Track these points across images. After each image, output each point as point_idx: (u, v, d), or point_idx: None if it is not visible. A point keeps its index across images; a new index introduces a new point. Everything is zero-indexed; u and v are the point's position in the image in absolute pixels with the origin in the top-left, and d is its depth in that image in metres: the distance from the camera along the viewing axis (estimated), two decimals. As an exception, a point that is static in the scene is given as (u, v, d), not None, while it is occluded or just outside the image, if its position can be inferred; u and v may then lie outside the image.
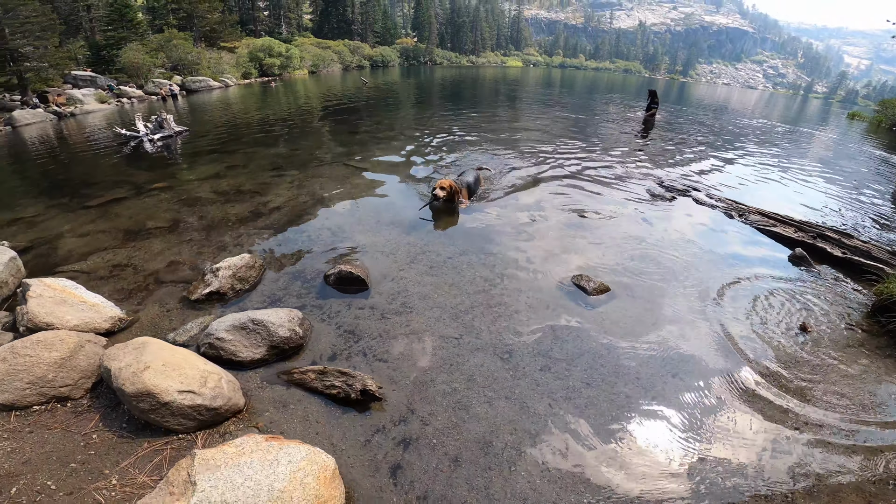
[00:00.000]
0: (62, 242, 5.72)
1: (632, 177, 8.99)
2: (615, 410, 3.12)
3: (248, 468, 2.24)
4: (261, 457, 2.33)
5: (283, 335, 3.42)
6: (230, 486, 2.15)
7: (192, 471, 2.20)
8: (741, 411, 3.16)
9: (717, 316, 4.23)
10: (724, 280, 4.91)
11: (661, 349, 3.74)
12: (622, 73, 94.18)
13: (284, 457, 2.32)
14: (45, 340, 3.12)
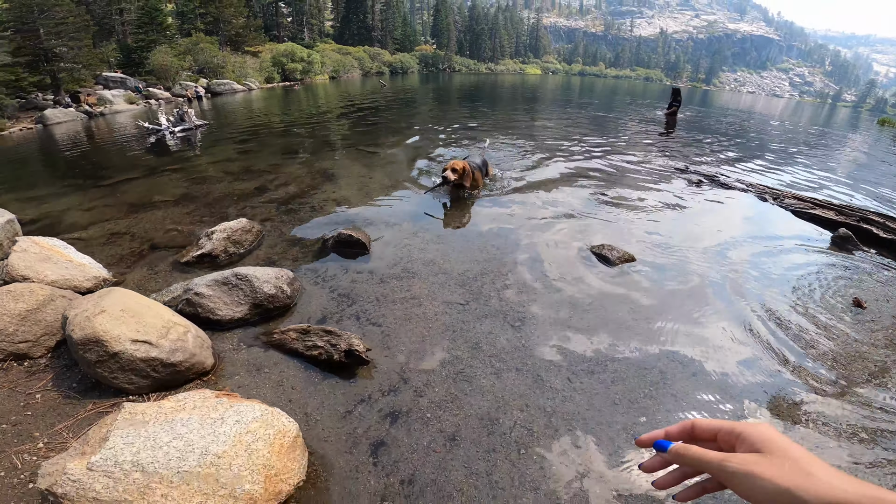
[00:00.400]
0: (67, 214, 5.66)
1: (654, 164, 8.53)
2: (647, 387, 2.67)
3: (182, 426, 1.87)
4: (203, 414, 1.94)
5: (268, 292, 3.10)
6: (150, 444, 1.77)
7: (114, 426, 1.86)
8: (792, 393, 2.71)
9: (757, 290, 3.77)
10: (762, 255, 4.44)
11: (696, 322, 3.31)
12: (643, 80, 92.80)
13: (233, 416, 1.95)
14: (13, 291, 2.86)
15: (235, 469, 1.78)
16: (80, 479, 1.68)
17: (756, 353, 3.00)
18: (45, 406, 2.42)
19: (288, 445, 1.96)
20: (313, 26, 49.69)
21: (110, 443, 1.78)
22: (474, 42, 79.48)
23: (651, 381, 2.71)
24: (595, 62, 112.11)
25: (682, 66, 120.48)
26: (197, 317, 3.00)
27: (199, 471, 1.73)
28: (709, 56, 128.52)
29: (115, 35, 27.34)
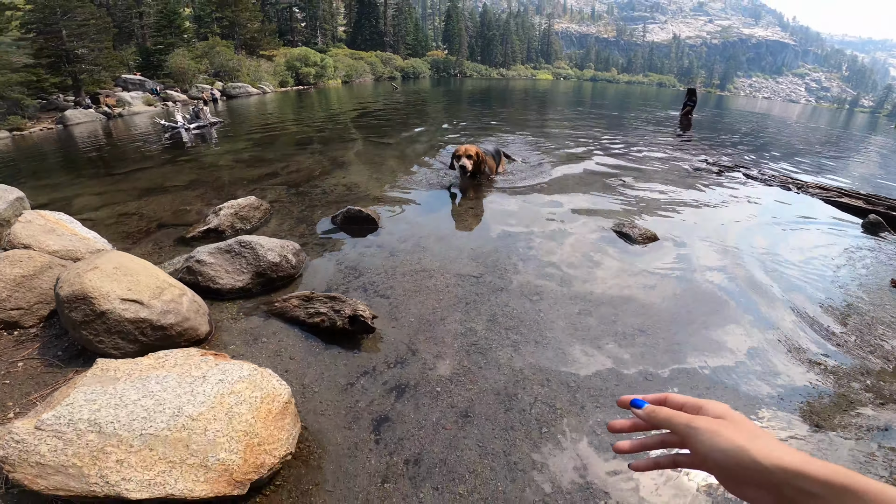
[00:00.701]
0: (80, 199, 5.66)
1: (671, 157, 8.30)
2: (678, 363, 2.47)
3: (156, 383, 1.66)
4: (183, 372, 1.74)
5: (272, 260, 2.98)
6: (114, 402, 1.56)
7: (80, 382, 1.68)
8: (820, 364, 2.50)
9: (787, 272, 3.55)
10: (789, 237, 4.22)
11: (727, 301, 3.11)
12: (656, 86, 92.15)
13: (217, 374, 1.73)
14: (10, 256, 2.75)
15: (211, 434, 1.55)
16: (25, 439, 1.49)
17: (795, 330, 2.80)
18: (24, 375, 2.28)
19: (277, 412, 1.73)
20: (326, 31, 50.36)
21: (70, 399, 1.59)
22: (486, 47, 79.81)
23: (681, 357, 2.52)
24: (607, 67, 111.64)
25: (696, 71, 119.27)
26: (197, 286, 2.88)
27: (166, 434, 1.52)
28: (723, 61, 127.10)
29: (134, 38, 27.96)
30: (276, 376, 1.86)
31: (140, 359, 1.85)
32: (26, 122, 15.09)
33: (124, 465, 1.46)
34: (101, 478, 1.43)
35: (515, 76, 79.45)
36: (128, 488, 1.42)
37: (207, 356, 1.88)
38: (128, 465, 1.46)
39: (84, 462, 1.45)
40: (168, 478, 1.46)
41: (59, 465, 1.45)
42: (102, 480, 1.43)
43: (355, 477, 1.75)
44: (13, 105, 15.12)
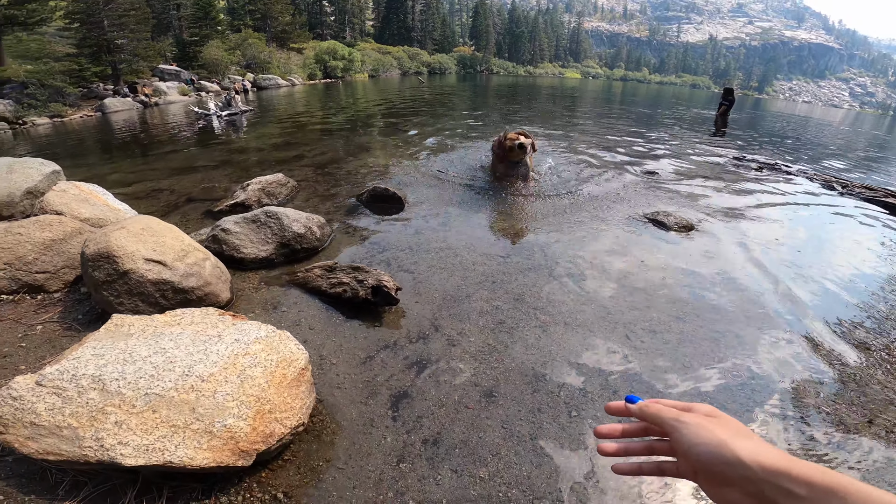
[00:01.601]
0: (114, 176, 5.83)
1: (707, 153, 7.97)
2: (721, 350, 2.32)
3: (168, 340, 1.57)
4: (199, 330, 1.64)
5: (297, 231, 2.96)
6: (122, 358, 1.47)
7: (91, 337, 1.60)
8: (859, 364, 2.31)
9: (828, 270, 3.33)
10: (831, 234, 3.96)
11: (763, 293, 2.92)
12: (689, 87, 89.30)
13: (233, 334, 1.63)
14: (42, 220, 2.78)
15: (220, 398, 1.43)
16: (23, 396, 1.39)
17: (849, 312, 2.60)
18: (42, 338, 2.25)
19: (292, 377, 1.61)
20: (355, 25, 50.84)
21: (77, 353, 1.51)
22: (513, 44, 79.04)
23: (725, 344, 2.37)
24: (638, 67, 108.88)
25: (733, 73, 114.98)
26: (221, 254, 2.88)
27: (172, 395, 1.41)
28: (762, 64, 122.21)
29: (171, 29, 28.83)
30: (295, 340, 1.77)
31: (156, 315, 1.80)
32: (67, 110, 15.67)
33: (123, 427, 1.35)
34: (97, 440, 1.32)
35: (542, 74, 78.43)
36: (123, 453, 1.31)
37: (225, 316, 1.83)
38: (126, 428, 1.35)
39: (81, 423, 1.35)
40: (168, 443, 1.34)
41: (53, 426, 1.35)
42: (97, 444, 1.32)
43: (369, 455, 1.65)
44: (55, 93, 15.74)
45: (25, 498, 1.42)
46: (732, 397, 2.04)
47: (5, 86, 15.11)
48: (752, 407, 1.99)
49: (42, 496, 1.42)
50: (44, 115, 14.56)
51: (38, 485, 1.46)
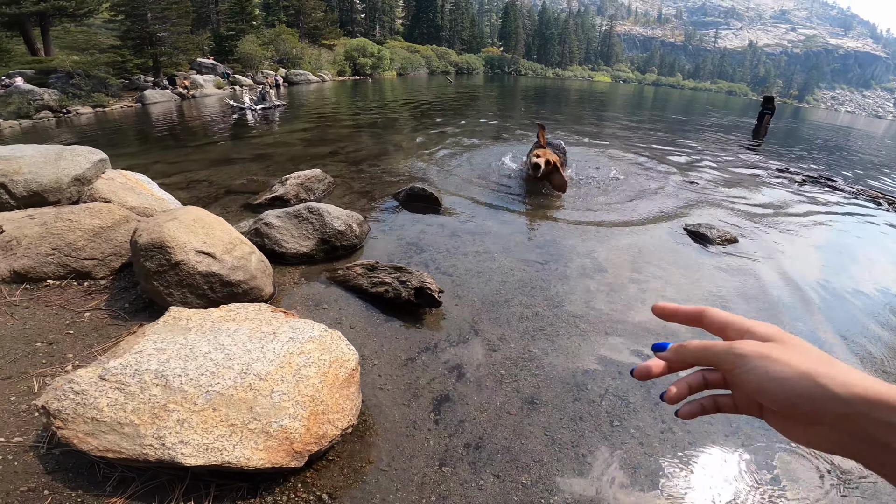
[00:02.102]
0: (154, 166, 6.02)
1: (747, 163, 7.69)
2: None
3: (226, 336, 1.56)
4: (254, 326, 1.63)
5: (338, 228, 2.99)
6: (185, 353, 1.45)
7: (151, 330, 1.59)
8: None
9: (873, 288, 3.14)
10: (878, 251, 3.76)
11: (809, 309, 2.78)
12: (725, 94, 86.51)
13: (287, 332, 1.62)
14: (92, 208, 2.84)
15: (277, 397, 1.41)
16: (86, 390, 1.35)
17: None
18: (89, 326, 2.24)
19: (343, 378, 1.60)
20: (385, 23, 51.28)
21: (139, 347, 1.49)
22: (542, 46, 78.26)
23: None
24: (672, 73, 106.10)
25: (772, 80, 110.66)
26: (263, 248, 2.92)
27: (232, 394, 1.38)
28: (804, 71, 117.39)
29: (209, 23, 29.68)
30: (345, 340, 1.76)
31: (212, 310, 1.80)
32: (109, 100, 16.26)
33: (185, 425, 1.31)
34: (158, 439, 1.29)
35: (571, 76, 77.39)
36: (183, 452, 1.27)
37: (277, 312, 1.84)
38: (188, 426, 1.31)
39: (143, 420, 1.32)
40: (227, 443, 1.31)
41: (114, 423, 1.31)
42: (158, 442, 1.29)
43: (412, 458, 1.66)
44: (99, 83, 16.37)
45: (72, 493, 1.39)
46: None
47: (51, 75, 15.78)
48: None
49: (89, 492, 1.40)
50: (87, 104, 15.14)
51: (86, 480, 1.43)
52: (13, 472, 1.45)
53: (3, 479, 1.43)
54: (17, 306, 2.38)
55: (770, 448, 1.82)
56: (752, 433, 1.88)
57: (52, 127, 11.77)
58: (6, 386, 1.83)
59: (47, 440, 1.56)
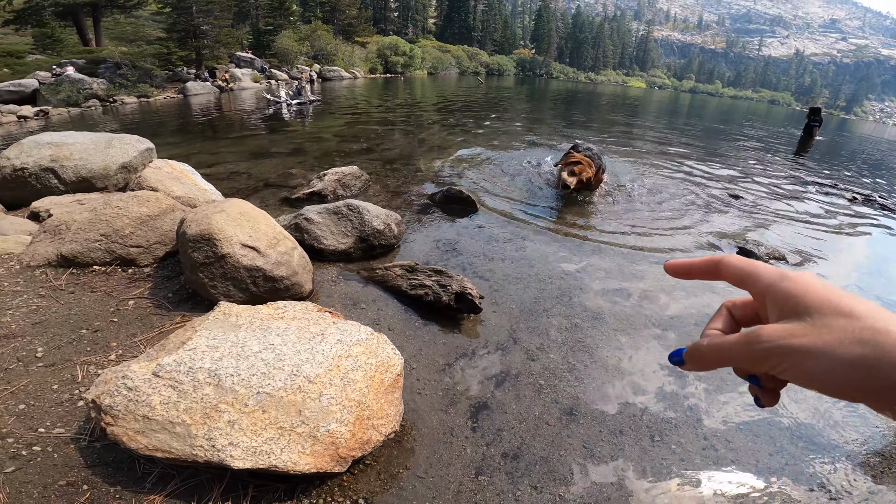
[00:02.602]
0: (196, 156, 6.20)
1: (793, 178, 7.33)
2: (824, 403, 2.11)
3: (276, 336, 1.53)
4: (302, 326, 1.60)
5: (376, 227, 2.98)
6: (237, 352, 1.42)
7: (202, 325, 1.56)
8: None
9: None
10: None
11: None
12: (767, 103, 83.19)
13: (335, 333, 1.59)
14: (140, 196, 2.90)
15: (325, 401, 1.38)
16: (139, 387, 1.33)
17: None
18: (133, 314, 2.25)
19: (389, 383, 1.58)
20: (417, 22, 51.56)
21: (192, 343, 1.46)
22: (575, 50, 77.12)
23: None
24: (711, 80, 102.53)
25: (819, 90, 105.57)
26: (302, 243, 2.92)
27: (282, 396, 1.35)
28: (853, 82, 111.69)
29: (249, 18, 30.48)
30: (391, 344, 1.74)
31: (260, 307, 1.79)
32: (153, 91, 16.87)
33: (235, 427, 1.28)
34: (208, 440, 1.26)
35: (604, 81, 75.91)
36: (233, 455, 1.25)
37: (324, 312, 1.82)
38: (238, 428, 1.28)
39: (194, 420, 1.29)
40: (275, 446, 1.29)
41: (166, 422, 1.28)
42: (209, 443, 1.26)
43: (449, 465, 1.63)
44: (144, 74, 17.01)
45: (111, 489, 1.38)
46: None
47: (101, 65, 16.49)
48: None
49: (128, 488, 1.38)
50: (132, 94, 15.74)
51: (125, 475, 1.42)
52: (52, 465, 1.44)
53: (41, 472, 1.42)
54: (63, 291, 2.40)
55: (816, 468, 1.71)
56: (796, 452, 1.77)
57: (99, 115, 12.30)
58: (49, 373, 1.83)
59: (89, 433, 1.54)
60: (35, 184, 3.70)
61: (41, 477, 1.40)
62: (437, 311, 2.47)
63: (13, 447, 1.48)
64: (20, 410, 1.64)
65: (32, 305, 2.25)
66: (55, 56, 17.29)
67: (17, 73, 14.53)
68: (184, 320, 2.20)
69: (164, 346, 1.56)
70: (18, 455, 1.46)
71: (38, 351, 1.96)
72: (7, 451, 1.47)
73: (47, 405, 1.67)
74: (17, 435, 1.54)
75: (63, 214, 2.90)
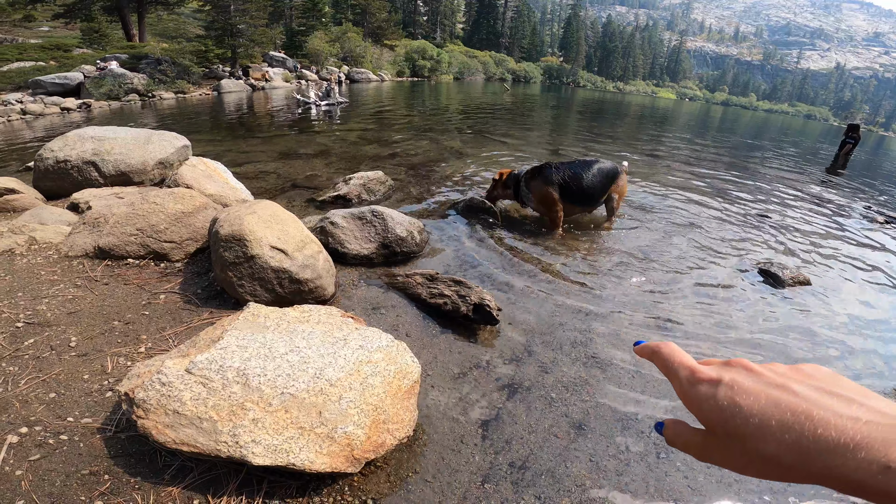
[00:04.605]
0: (227, 154, 6.42)
1: (824, 199, 7.08)
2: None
3: (301, 339, 1.59)
4: (326, 331, 1.66)
5: (399, 234, 3.04)
6: (263, 353, 1.49)
7: (232, 325, 1.61)
8: None
9: None
10: None
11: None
12: (803, 118, 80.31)
13: (358, 339, 1.65)
14: (176, 193, 3.04)
15: (344, 404, 1.43)
16: (172, 382, 1.39)
17: None
18: (163, 308, 2.32)
19: (405, 390, 1.62)
20: (446, 27, 51.91)
21: (223, 342, 1.52)
22: (604, 59, 76.30)
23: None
24: (745, 92, 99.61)
25: (858, 105, 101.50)
26: (326, 246, 3.00)
27: (304, 397, 1.41)
28: (895, 97, 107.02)
29: (283, 19, 31.26)
30: (410, 353, 1.78)
31: (287, 309, 1.85)
32: (190, 87, 17.46)
33: (258, 425, 1.33)
34: (233, 437, 1.31)
35: (633, 91, 74.72)
36: (254, 452, 1.30)
37: (347, 318, 1.88)
38: (261, 426, 1.33)
39: (221, 416, 1.34)
40: (294, 445, 1.34)
41: (194, 417, 1.33)
42: (232, 440, 1.31)
43: (457, 472, 1.67)
44: (182, 71, 17.63)
45: (131, 480, 1.42)
46: None
47: (142, 60, 17.17)
48: None
49: (148, 479, 1.43)
50: (170, 90, 16.32)
51: (147, 466, 1.46)
52: (77, 454, 1.49)
53: (66, 460, 1.47)
54: (98, 282, 2.49)
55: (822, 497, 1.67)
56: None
57: (138, 110, 12.82)
58: (81, 363, 1.89)
59: (115, 423, 1.59)
60: (76, 176, 3.89)
61: (65, 466, 1.45)
62: (454, 321, 2.50)
63: (40, 435, 1.55)
64: (50, 399, 1.70)
65: (69, 295, 2.34)
66: (100, 50, 18.10)
67: (63, 67, 15.27)
68: (211, 317, 2.28)
69: (195, 343, 1.63)
70: (45, 443, 1.52)
71: (71, 340, 2.03)
72: (34, 439, 1.53)
73: (77, 394, 1.74)
74: (46, 423, 1.60)
75: (102, 207, 3.05)
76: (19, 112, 11.26)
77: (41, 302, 2.25)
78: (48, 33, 22.44)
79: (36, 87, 13.23)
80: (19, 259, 2.64)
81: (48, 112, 11.85)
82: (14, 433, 1.54)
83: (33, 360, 1.89)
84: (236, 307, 2.34)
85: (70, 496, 1.37)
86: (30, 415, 1.62)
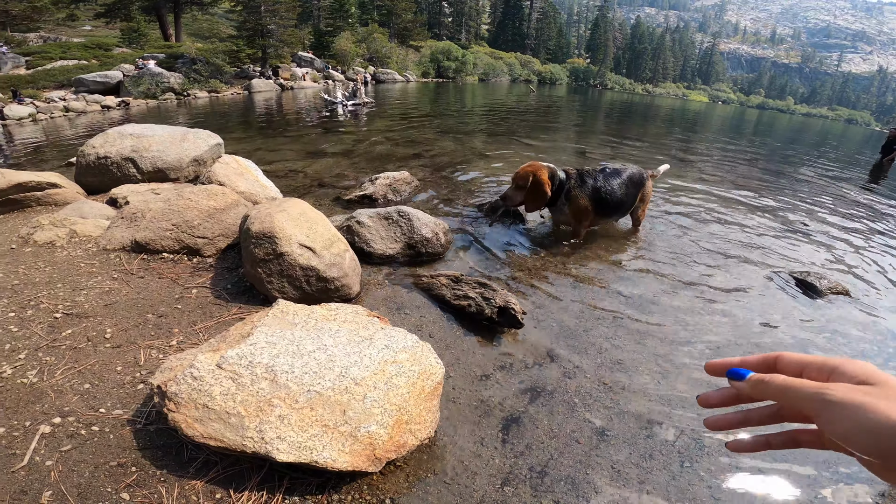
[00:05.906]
0: (257, 152, 6.58)
1: (863, 206, 6.72)
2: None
3: (328, 337, 1.60)
4: (352, 329, 1.67)
5: (425, 234, 3.04)
6: (292, 350, 1.50)
7: (261, 321, 1.63)
8: None
9: None
10: None
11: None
12: (843, 122, 76.71)
13: (383, 339, 1.66)
14: (210, 190, 3.14)
15: (368, 403, 1.45)
16: (203, 377, 1.41)
17: None
18: (194, 302, 2.36)
19: (429, 391, 1.62)
20: (471, 28, 51.90)
21: (253, 339, 1.54)
22: (633, 61, 74.83)
23: None
24: (782, 96, 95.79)
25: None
26: (352, 244, 3.00)
27: (329, 395, 1.42)
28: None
29: (311, 19, 31.88)
30: (434, 354, 1.78)
31: (315, 307, 1.87)
32: (222, 86, 17.99)
33: (284, 421, 1.35)
34: (259, 432, 1.33)
35: (663, 94, 72.93)
36: (279, 448, 1.32)
37: (373, 317, 1.89)
38: (287, 423, 1.35)
39: (248, 412, 1.35)
40: (318, 443, 1.35)
41: (223, 412, 1.35)
42: (258, 435, 1.33)
43: (476, 475, 1.65)
44: (216, 70, 18.18)
45: (157, 472, 1.45)
46: None
47: (178, 60, 17.78)
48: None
49: (173, 472, 1.45)
50: (204, 89, 16.88)
51: (172, 459, 1.49)
52: (107, 446, 1.52)
53: (96, 452, 1.49)
54: (134, 275, 2.56)
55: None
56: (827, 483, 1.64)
57: (174, 108, 13.28)
58: (115, 355, 1.93)
59: (145, 416, 1.61)
60: (116, 172, 4.05)
61: (94, 457, 1.48)
62: (478, 323, 2.49)
63: (73, 426, 1.58)
64: (84, 390, 1.74)
65: (105, 287, 2.41)
66: (139, 50, 18.84)
67: (104, 65, 15.97)
68: (239, 312, 2.33)
69: (225, 338, 1.66)
70: (77, 434, 1.55)
71: (106, 332, 2.08)
72: (66, 429, 1.56)
73: (110, 386, 1.77)
74: (79, 414, 1.63)
75: (139, 203, 3.16)
76: (62, 109, 11.82)
77: (80, 293, 2.32)
78: (90, 32, 23.52)
79: (79, 85, 13.86)
80: (60, 251, 2.74)
81: (89, 109, 12.38)
82: (47, 423, 1.58)
83: (70, 351, 1.94)
84: (264, 303, 2.38)
85: (97, 487, 1.39)
86: (63, 405, 1.66)
